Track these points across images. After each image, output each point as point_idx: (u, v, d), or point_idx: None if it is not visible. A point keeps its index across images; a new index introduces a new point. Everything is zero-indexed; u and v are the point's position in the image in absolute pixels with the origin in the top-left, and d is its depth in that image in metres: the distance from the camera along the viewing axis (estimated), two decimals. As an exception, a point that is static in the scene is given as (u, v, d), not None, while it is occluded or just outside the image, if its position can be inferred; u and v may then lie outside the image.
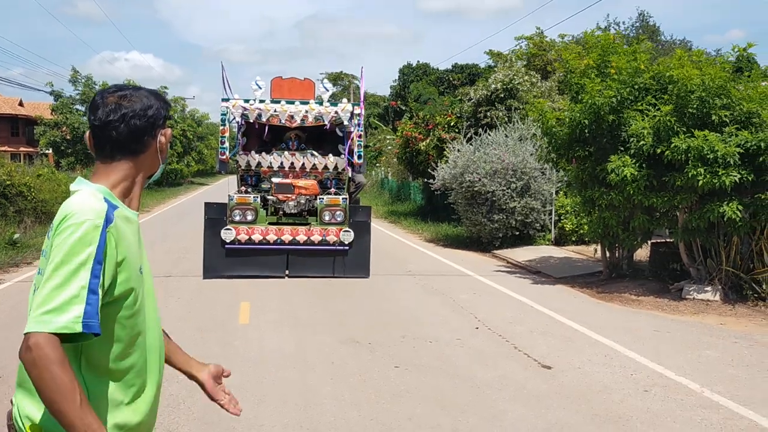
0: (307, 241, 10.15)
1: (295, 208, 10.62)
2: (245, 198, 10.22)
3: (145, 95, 1.84)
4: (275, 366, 5.93)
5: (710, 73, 8.44)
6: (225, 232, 9.99)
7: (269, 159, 10.74)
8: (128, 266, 1.71)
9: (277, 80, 11.01)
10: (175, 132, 39.65)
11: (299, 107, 10.52)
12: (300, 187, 10.51)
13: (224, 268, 10.07)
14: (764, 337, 7.11)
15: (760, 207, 8.19)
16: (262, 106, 10.48)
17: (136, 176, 1.84)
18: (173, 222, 19.35)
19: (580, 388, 5.44)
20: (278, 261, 10.23)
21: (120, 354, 1.72)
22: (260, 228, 10.09)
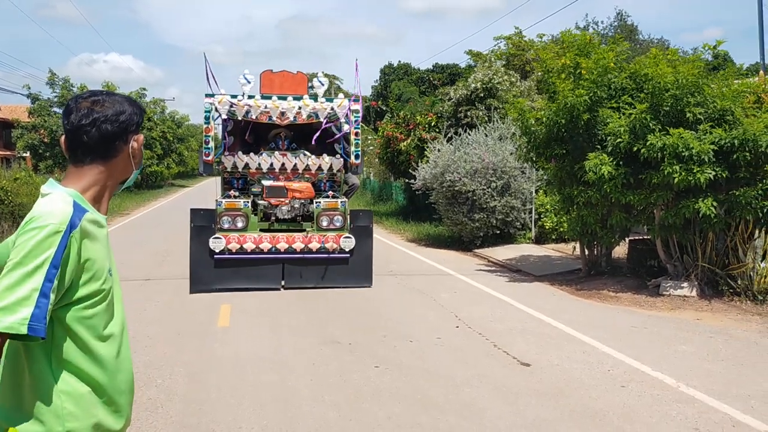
0: (305, 249, 9.33)
1: (289, 213, 9.77)
2: (234, 203, 9.36)
3: (118, 101, 1.87)
4: (255, 368, 5.92)
5: (684, 71, 8.55)
6: (214, 241, 9.10)
7: (258, 160, 9.84)
8: (94, 267, 1.74)
9: (267, 74, 10.19)
10: (155, 134, 39.37)
11: (292, 103, 9.68)
12: (293, 190, 9.64)
13: (213, 280, 9.16)
14: (739, 332, 7.22)
15: (735, 203, 8.31)
16: (252, 102, 9.61)
17: (107, 181, 1.87)
18: (153, 225, 19.21)
19: (558, 385, 5.49)
20: (273, 271, 9.40)
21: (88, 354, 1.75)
22: (252, 236, 9.25)
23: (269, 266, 9.38)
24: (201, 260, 9.17)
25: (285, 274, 9.47)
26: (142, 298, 8.86)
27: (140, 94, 39.38)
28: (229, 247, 9.15)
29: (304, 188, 9.72)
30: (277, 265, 9.41)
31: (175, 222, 19.62)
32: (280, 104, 9.66)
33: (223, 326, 7.46)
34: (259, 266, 9.33)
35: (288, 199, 9.64)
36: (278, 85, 10.07)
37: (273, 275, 9.41)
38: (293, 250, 9.33)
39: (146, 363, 5.99)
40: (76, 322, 1.73)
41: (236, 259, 9.23)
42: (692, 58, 9.63)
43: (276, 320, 7.71)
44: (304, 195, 9.69)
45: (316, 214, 9.57)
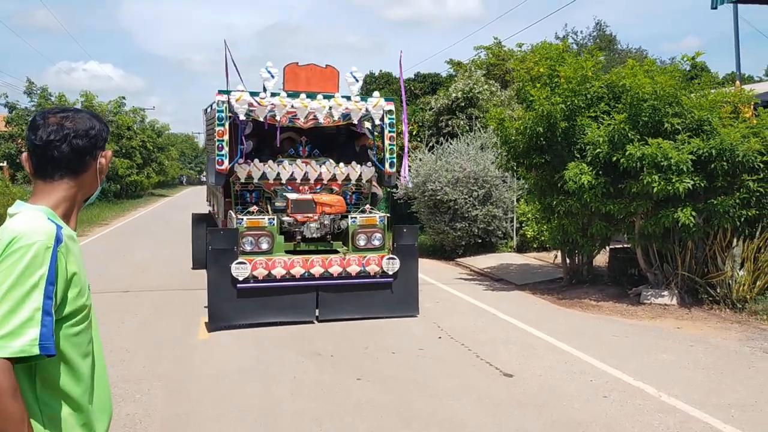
0: (342, 273, 8.03)
1: (318, 231, 8.37)
2: (258, 221, 7.94)
3: (87, 117, 1.88)
4: (235, 381, 5.85)
5: (661, 81, 8.64)
6: (237, 267, 7.65)
7: (277, 169, 8.44)
8: (79, 283, 1.76)
9: (292, 68, 8.68)
10: (135, 143, 38.99)
11: (322, 102, 8.29)
12: (323, 204, 8.27)
13: (236, 314, 7.71)
14: (719, 340, 7.27)
15: (713, 212, 8.39)
16: (276, 101, 8.11)
17: (76, 197, 1.87)
18: (133, 235, 19.01)
19: (540, 396, 5.48)
20: (306, 301, 8.00)
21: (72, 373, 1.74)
22: (282, 259, 7.83)
23: (301, 295, 7.98)
24: (222, 290, 7.66)
25: (319, 303, 8.08)
26: (120, 310, 8.74)
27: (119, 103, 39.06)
28: (255, 273, 7.72)
29: (335, 201, 8.36)
30: (310, 294, 8.02)
31: (155, 232, 19.46)
32: (309, 104, 8.24)
33: (202, 339, 7.37)
34: (290, 295, 7.93)
35: (317, 215, 8.29)
36: (304, 80, 8.64)
37: (306, 305, 8.02)
38: (329, 275, 7.98)
39: (124, 377, 5.89)
40: (63, 340, 1.72)
41: (263, 288, 7.82)
42: (670, 68, 9.74)
43: (256, 332, 7.63)
44: (335, 209, 8.34)
45: (352, 231, 8.27)
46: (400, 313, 8.30)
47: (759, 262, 8.67)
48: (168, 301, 9.34)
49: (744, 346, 7.01)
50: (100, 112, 37.00)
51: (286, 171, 8.48)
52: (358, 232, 8.27)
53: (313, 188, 8.59)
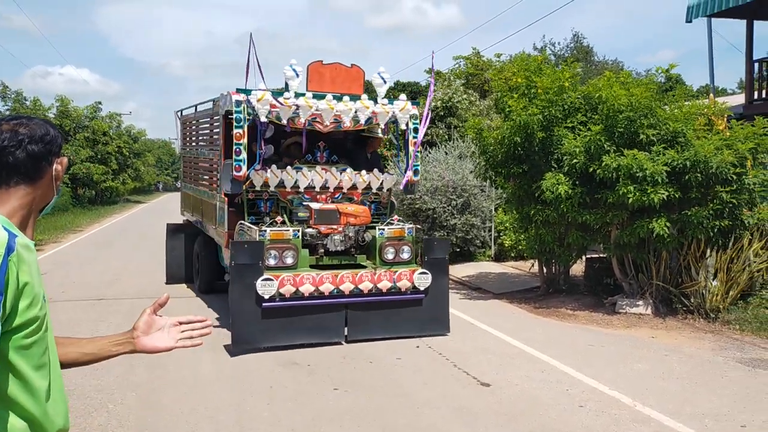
0: (373, 289, 7.47)
1: (342, 243, 7.75)
2: (282, 233, 7.31)
3: (41, 123, 1.86)
4: (210, 391, 5.78)
5: (637, 93, 8.76)
6: (263, 284, 6.96)
7: (296, 176, 7.85)
8: (31, 293, 1.70)
9: (316, 66, 7.99)
10: (110, 148, 38.52)
11: (349, 105, 7.73)
12: (347, 215, 7.72)
13: (261, 335, 7.07)
14: (692, 350, 7.36)
15: (687, 223, 8.50)
16: (302, 102, 7.51)
17: (32, 204, 1.84)
18: (107, 242, 18.76)
19: (517, 405, 5.49)
20: (334, 320, 7.41)
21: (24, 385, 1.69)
22: (310, 275, 7.18)
23: (329, 314, 7.38)
24: (246, 310, 7.00)
25: (348, 323, 7.50)
26: (93, 318, 8.60)
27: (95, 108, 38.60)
28: (282, 291, 7.05)
29: (360, 212, 7.80)
30: (339, 312, 7.42)
31: (131, 239, 19.21)
32: (336, 106, 7.66)
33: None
34: (317, 314, 7.32)
35: (341, 226, 7.73)
36: (329, 80, 8.02)
37: (334, 325, 7.42)
38: (359, 291, 7.40)
39: (96, 387, 5.79)
40: (14, 352, 1.67)
41: (289, 307, 7.19)
42: (645, 80, 9.86)
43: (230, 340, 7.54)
44: (360, 220, 7.79)
45: (379, 243, 7.73)
46: (431, 332, 7.79)
47: (731, 272, 8.80)
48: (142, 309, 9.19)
49: (717, 356, 7.09)
50: (76, 117, 36.58)
51: (305, 178, 7.88)
52: (386, 245, 7.73)
53: (331, 197, 8.03)
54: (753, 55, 14.94)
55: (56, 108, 35.74)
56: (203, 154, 10.05)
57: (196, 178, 10.63)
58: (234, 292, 7.02)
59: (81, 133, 36.35)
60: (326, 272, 7.30)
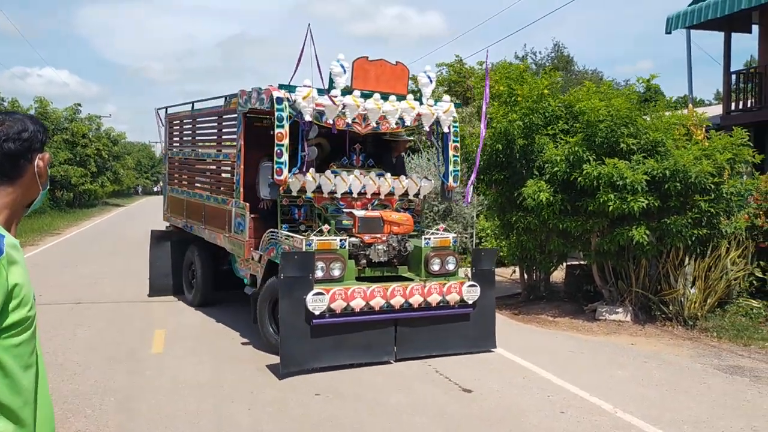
0: (423, 303, 6.98)
1: (385, 254, 7.26)
2: (329, 242, 6.77)
3: (19, 119, 1.81)
4: (190, 396, 5.72)
5: (617, 103, 8.85)
6: (314, 299, 6.38)
7: (334, 181, 7.40)
8: (22, 293, 1.68)
9: (361, 62, 7.30)
10: (89, 151, 38.09)
11: (396, 105, 7.30)
12: (391, 222, 7.32)
13: (311, 355, 6.51)
14: (671, 357, 7.43)
15: (666, 231, 8.59)
16: (349, 101, 7.03)
17: (14, 204, 1.81)
18: (86, 245, 18.53)
19: (499, 412, 5.50)
20: (383, 337, 6.88)
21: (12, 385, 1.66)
22: (361, 289, 6.64)
23: (378, 330, 6.85)
24: (295, 327, 6.42)
25: (397, 339, 7.00)
26: (72, 322, 8.49)
27: (75, 110, 38.17)
28: (333, 306, 6.51)
29: (404, 220, 7.40)
30: (387, 329, 6.91)
31: (109, 242, 19.00)
32: (383, 105, 7.21)
33: (157, 352, 7.20)
34: (366, 331, 6.79)
35: (385, 235, 7.31)
36: (374, 78, 7.38)
37: (383, 342, 6.90)
38: (409, 305, 6.90)
39: (75, 392, 5.71)
40: (3, 351, 1.64)
41: (339, 324, 6.63)
42: (625, 90, 9.97)
43: (212, 345, 7.49)
44: (404, 229, 7.39)
45: (424, 254, 7.26)
46: (478, 348, 7.39)
47: (709, 280, 8.91)
48: (121, 314, 9.11)
49: (695, 363, 7.17)
50: (55, 119, 36.14)
51: (344, 183, 7.42)
52: (432, 256, 7.26)
53: (366, 204, 7.62)
54: (730, 67, 15.19)
55: (35, 110, 35.26)
56: (207, 156, 9.40)
57: (192, 181, 9.99)
58: (285, 308, 6.37)
59: (60, 135, 35.90)
60: (376, 285, 6.75)
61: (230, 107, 8.25)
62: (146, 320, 8.70)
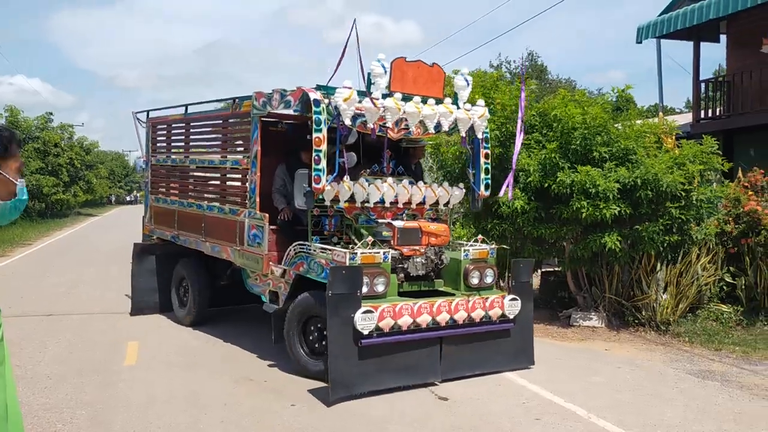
0: (468, 319, 6.63)
1: (424, 267, 6.90)
2: (373, 256, 6.30)
3: None
4: (162, 409, 5.64)
5: (591, 112, 8.97)
6: (362, 317, 5.90)
7: (368, 189, 6.92)
8: None
9: (400, 63, 6.78)
10: (62, 160, 37.59)
11: (435, 109, 6.86)
12: (429, 233, 6.91)
13: (359, 378, 6.02)
14: (645, 362, 7.52)
15: (638, 238, 8.71)
16: (390, 104, 6.54)
17: None
18: (57, 255, 18.24)
19: (475, 419, 5.51)
20: (429, 357, 6.43)
21: None
22: (408, 305, 6.18)
23: (424, 350, 6.40)
24: (344, 348, 5.93)
25: (442, 359, 6.54)
26: (42, 334, 8.34)
27: (47, 119, 37.70)
28: (381, 324, 6.03)
29: (441, 231, 7.00)
30: (432, 347, 6.46)
31: (81, 253, 18.72)
32: (423, 110, 6.78)
33: (129, 364, 7.10)
34: (411, 351, 6.33)
35: (423, 247, 6.91)
36: (411, 80, 6.91)
37: (428, 362, 6.45)
38: (454, 322, 6.51)
39: (45, 406, 5.60)
40: None
41: (385, 344, 6.16)
42: (599, 99, 10.10)
43: (185, 356, 7.41)
44: (441, 240, 6.99)
45: (463, 266, 6.90)
46: (517, 365, 7.03)
47: (681, 286, 9.05)
48: (94, 325, 8.97)
49: (668, 368, 7.26)
50: (26, 128, 35.64)
51: (378, 192, 6.97)
52: (472, 268, 6.89)
53: (396, 213, 7.20)
54: (700, 76, 15.48)
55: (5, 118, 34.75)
56: (209, 162, 8.68)
57: (185, 190, 9.34)
58: (333, 327, 5.88)
59: (31, 144, 35.40)
60: (422, 301, 6.34)
61: (240, 110, 7.75)
62: (119, 332, 8.58)
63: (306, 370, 6.57)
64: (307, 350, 6.63)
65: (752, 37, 14.59)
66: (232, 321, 9.36)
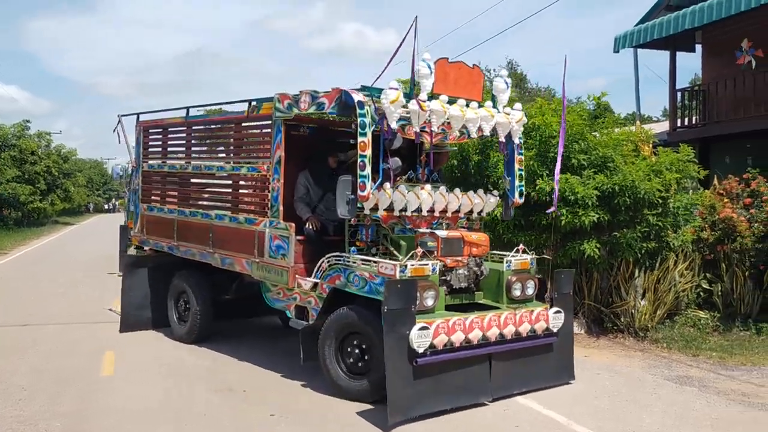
0: (515, 334, 6.30)
1: (466, 279, 6.54)
2: (422, 268, 5.95)
3: None
4: (140, 421, 5.58)
5: (570, 120, 9.04)
6: (419, 334, 5.53)
7: (408, 197, 6.51)
8: None
9: (442, 64, 6.33)
10: (39, 168, 37.14)
11: (477, 112, 6.56)
12: (471, 244, 6.55)
13: (415, 400, 5.62)
14: (623, 368, 7.57)
15: (616, 245, 8.79)
16: (437, 106, 6.17)
17: None
18: (34, 265, 17.98)
19: (453, 426, 5.50)
20: (479, 375, 6.09)
21: None
22: (460, 320, 5.86)
23: (474, 368, 6.04)
24: (400, 368, 5.54)
25: (492, 376, 6.18)
26: (18, 345, 8.21)
27: (23, 127, 37.23)
28: (435, 341, 5.68)
29: (482, 241, 6.66)
30: (483, 365, 6.11)
31: (58, 262, 18.48)
32: (467, 113, 6.44)
33: (107, 374, 7.01)
34: (462, 369, 5.96)
35: (465, 258, 6.53)
36: (453, 82, 6.49)
37: (479, 381, 6.09)
38: (503, 337, 6.20)
39: (19, 418, 5.51)
40: None
41: (440, 362, 5.79)
42: (577, 107, 10.20)
43: (163, 366, 7.33)
44: (482, 250, 6.65)
45: (506, 277, 6.61)
46: (559, 381, 6.75)
47: (659, 292, 9.14)
48: (70, 335, 8.84)
49: (647, 374, 7.32)
50: (2, 135, 35.17)
51: (417, 199, 6.57)
52: (514, 279, 6.60)
53: (431, 222, 6.81)
54: (676, 85, 15.70)
55: (-20, 127, 34.32)
56: (217, 169, 8.16)
57: (186, 198, 8.77)
58: (390, 345, 5.50)
59: (7, 152, 34.92)
60: (474, 316, 6.03)
61: (258, 114, 7.35)
62: (97, 342, 8.47)
63: (343, 391, 6.17)
64: (346, 370, 6.23)
65: (726, 47, 14.85)
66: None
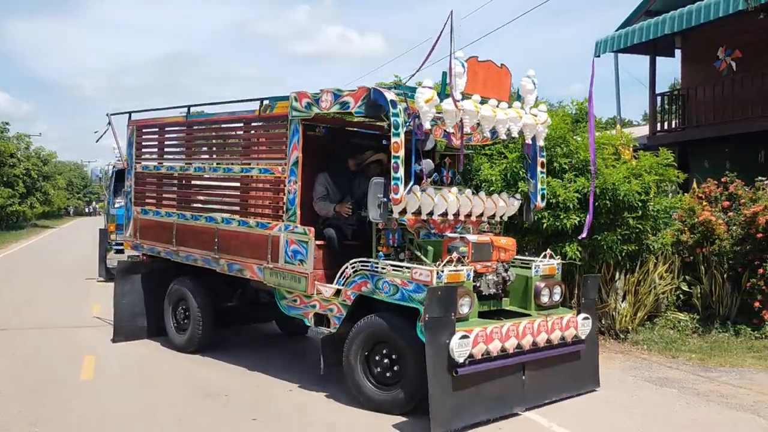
0: (547, 341, 6.12)
1: (495, 285, 6.33)
2: (457, 274, 5.72)
3: None
4: (119, 427, 5.51)
5: (552, 124, 9.09)
6: (460, 343, 5.32)
7: (435, 200, 6.16)
8: None
9: (473, 62, 6.11)
10: (18, 171, 36.76)
11: (507, 113, 6.32)
12: (499, 248, 6.36)
13: (455, 412, 5.41)
14: (604, 370, 7.53)
15: (597, 248, 8.85)
16: (470, 106, 5.91)
17: None
18: (10, 269, 17.75)
19: (437, 430, 5.50)
20: (513, 384, 5.90)
21: None
22: (497, 328, 5.66)
23: (509, 377, 5.86)
24: (440, 378, 5.33)
25: (525, 386, 6.01)
26: (-6, 350, 8.09)
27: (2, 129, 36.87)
28: (474, 351, 5.46)
29: (510, 245, 6.50)
30: (517, 374, 5.94)
31: (37, 266, 18.26)
32: (498, 113, 6.20)
33: (86, 379, 6.93)
34: (498, 379, 5.78)
35: (494, 263, 6.34)
36: (482, 81, 6.24)
37: (513, 390, 5.90)
38: (536, 345, 6.00)
39: (-5, 425, 5.43)
40: None
41: (479, 372, 5.59)
42: (559, 111, 10.27)
43: (143, 371, 7.26)
44: (509, 255, 6.49)
45: (534, 282, 6.46)
46: (584, 389, 6.59)
47: (639, 294, 9.21)
48: (49, 340, 8.73)
49: (628, 375, 7.37)
50: (-21, 137, 34.76)
51: (445, 203, 6.27)
52: (542, 285, 6.44)
53: (454, 226, 6.49)
54: (656, 89, 15.88)
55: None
56: (224, 170, 7.87)
57: (187, 201, 8.42)
58: (431, 354, 5.29)
59: (-15, 154, 34.55)
60: (509, 323, 5.81)
61: (271, 113, 7.08)
62: (75, 346, 8.37)
63: (370, 402, 5.95)
64: (374, 381, 6.01)
65: (705, 52, 15.05)
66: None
